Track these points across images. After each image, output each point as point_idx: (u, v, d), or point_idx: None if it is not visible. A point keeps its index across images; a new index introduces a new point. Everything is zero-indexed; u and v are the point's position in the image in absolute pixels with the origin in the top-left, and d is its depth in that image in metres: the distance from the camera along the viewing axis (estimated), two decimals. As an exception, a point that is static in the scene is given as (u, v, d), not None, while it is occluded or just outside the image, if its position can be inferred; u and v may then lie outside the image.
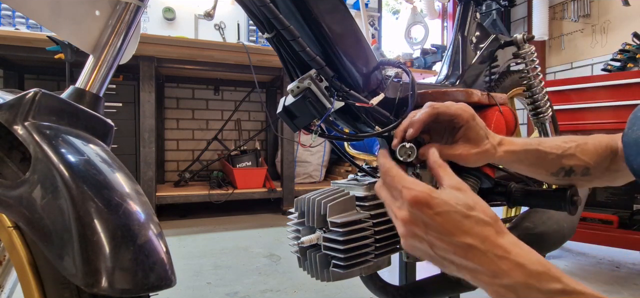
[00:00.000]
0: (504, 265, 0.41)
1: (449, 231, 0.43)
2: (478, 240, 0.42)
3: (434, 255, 0.45)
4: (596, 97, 1.72)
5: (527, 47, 1.08)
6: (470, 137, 0.57)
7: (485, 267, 0.42)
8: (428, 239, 0.45)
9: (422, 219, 0.44)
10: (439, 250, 0.44)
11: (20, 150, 0.46)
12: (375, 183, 0.68)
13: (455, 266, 0.44)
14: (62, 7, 0.58)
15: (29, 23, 2.61)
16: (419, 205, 0.44)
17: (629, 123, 0.53)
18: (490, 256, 0.42)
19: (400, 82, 0.74)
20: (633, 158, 0.51)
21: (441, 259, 0.45)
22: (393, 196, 0.48)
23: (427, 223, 0.44)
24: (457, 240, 0.43)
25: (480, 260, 0.42)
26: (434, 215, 0.44)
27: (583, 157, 0.63)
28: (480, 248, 0.42)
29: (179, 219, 2.62)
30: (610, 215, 1.66)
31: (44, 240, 0.39)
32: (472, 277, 0.44)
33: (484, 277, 0.42)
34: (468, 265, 0.43)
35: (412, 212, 0.45)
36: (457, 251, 0.43)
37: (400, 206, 0.46)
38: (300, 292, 1.40)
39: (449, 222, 0.43)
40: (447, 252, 0.44)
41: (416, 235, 0.45)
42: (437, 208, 0.44)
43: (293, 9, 0.60)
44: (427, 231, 0.44)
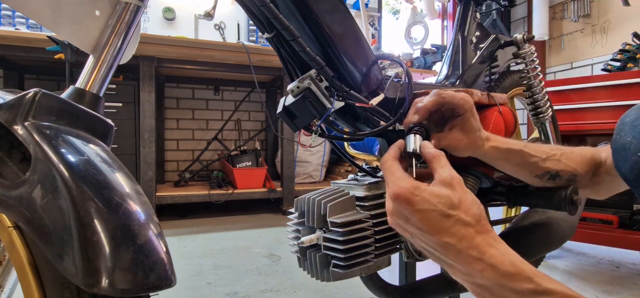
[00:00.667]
0: (478, 265, 0.42)
1: (427, 228, 0.45)
2: (455, 239, 0.44)
3: (417, 244, 0.48)
4: (596, 97, 1.72)
5: (527, 47, 1.08)
6: (465, 127, 0.59)
7: (460, 265, 0.44)
8: (410, 231, 0.47)
9: (403, 213, 0.47)
10: (419, 242, 0.47)
11: (20, 150, 0.46)
12: (375, 183, 0.69)
13: (436, 258, 0.47)
14: (62, 7, 0.58)
15: (29, 23, 2.61)
16: (399, 201, 0.46)
17: (616, 129, 0.54)
18: (464, 256, 0.43)
19: (400, 82, 0.74)
20: (622, 164, 0.52)
21: (422, 249, 0.48)
22: (385, 175, 0.51)
23: (407, 218, 0.46)
24: (435, 237, 0.45)
25: (456, 258, 0.44)
26: (413, 212, 0.45)
27: (569, 163, 0.65)
28: (456, 246, 0.44)
29: (179, 219, 2.62)
30: (610, 215, 1.66)
31: (44, 240, 0.39)
32: (450, 272, 0.46)
33: (460, 274, 0.44)
34: (446, 260, 0.45)
35: (394, 205, 0.47)
36: (435, 247, 0.45)
37: (387, 197, 0.49)
38: (300, 292, 1.40)
39: (427, 220, 0.45)
40: (427, 245, 0.46)
41: (399, 226, 0.48)
42: (417, 206, 0.45)
43: (293, 9, 0.60)
44: (407, 224, 0.47)
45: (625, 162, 0.51)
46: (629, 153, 0.50)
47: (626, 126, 0.52)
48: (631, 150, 0.50)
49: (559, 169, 0.65)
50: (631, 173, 0.50)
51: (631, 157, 0.50)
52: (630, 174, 0.51)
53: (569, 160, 0.65)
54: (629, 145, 0.50)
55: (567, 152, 0.66)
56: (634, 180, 0.51)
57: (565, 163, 0.65)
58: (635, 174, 0.50)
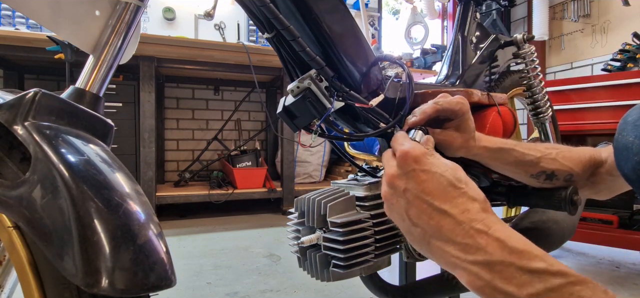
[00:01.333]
0: (481, 239, 0.39)
1: (429, 191, 0.42)
2: (457, 210, 0.41)
3: (405, 218, 0.44)
4: (596, 97, 1.72)
5: (527, 47, 1.08)
6: (461, 127, 0.59)
7: (458, 239, 0.40)
8: (406, 197, 0.43)
9: (405, 172, 0.44)
10: (412, 211, 0.43)
11: (20, 150, 0.46)
12: (375, 183, 0.69)
13: (423, 237, 0.43)
14: (62, 7, 0.58)
15: (29, 23, 2.61)
16: (406, 158, 0.44)
17: (619, 128, 0.54)
18: (466, 228, 0.40)
19: (400, 82, 0.74)
20: (624, 163, 0.52)
21: (412, 226, 0.43)
22: (395, 151, 0.48)
23: (409, 176, 0.43)
24: (435, 203, 0.42)
25: (453, 231, 0.40)
26: (419, 171, 0.43)
27: (565, 162, 0.64)
28: (456, 218, 0.40)
29: (179, 219, 2.62)
30: (610, 215, 1.66)
31: (44, 240, 0.39)
32: (438, 254, 0.42)
33: (453, 251, 0.40)
34: (439, 234, 0.41)
35: (399, 166, 0.45)
36: (432, 215, 0.41)
37: (393, 163, 0.46)
38: (300, 292, 1.40)
39: (432, 182, 0.42)
40: (420, 216, 0.42)
41: (395, 192, 0.45)
42: (424, 166, 0.43)
43: (293, 9, 0.60)
44: (406, 186, 0.44)
45: (627, 162, 0.51)
46: (631, 153, 0.50)
47: (629, 126, 0.52)
48: (633, 150, 0.50)
49: (554, 169, 0.64)
50: (633, 173, 0.50)
51: (633, 157, 0.49)
52: (632, 174, 0.50)
53: (565, 160, 0.65)
54: (632, 145, 0.50)
55: (563, 151, 0.66)
56: (636, 181, 0.50)
57: (561, 162, 0.64)
58: (638, 175, 0.49)
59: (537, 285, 0.35)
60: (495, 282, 0.37)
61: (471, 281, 0.38)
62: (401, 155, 0.45)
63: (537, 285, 0.35)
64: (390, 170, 0.46)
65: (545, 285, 0.35)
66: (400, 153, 0.45)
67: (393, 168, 0.46)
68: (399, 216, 0.45)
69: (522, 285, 0.35)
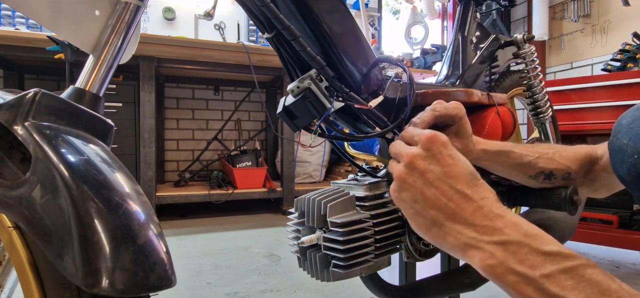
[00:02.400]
0: (499, 222, 0.40)
1: (453, 174, 0.43)
2: (477, 196, 0.42)
3: (419, 200, 0.44)
4: (596, 97, 1.72)
5: (527, 47, 1.08)
6: (459, 132, 0.60)
7: (477, 221, 0.41)
8: (426, 177, 0.44)
9: (431, 154, 0.45)
10: (430, 191, 0.44)
11: (20, 150, 0.46)
12: (375, 183, 0.69)
13: (436, 219, 0.43)
14: (62, 7, 0.58)
15: (29, 23, 2.61)
16: (434, 140, 0.45)
17: (613, 131, 0.54)
18: (485, 211, 0.41)
19: (401, 82, 0.74)
20: (619, 166, 0.52)
21: (426, 208, 0.44)
22: (408, 142, 0.49)
23: (434, 158, 0.45)
24: (458, 186, 0.43)
25: (472, 214, 0.41)
26: (446, 155, 0.45)
27: (563, 161, 0.65)
28: (477, 202, 0.42)
29: (179, 219, 2.62)
30: (610, 215, 1.66)
31: (44, 240, 0.39)
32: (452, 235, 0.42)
33: (470, 232, 0.41)
34: (455, 216, 0.42)
35: (424, 148, 0.45)
36: (452, 197, 0.43)
37: (414, 147, 0.47)
38: (300, 292, 1.40)
39: (457, 167, 0.44)
40: (439, 198, 0.43)
41: (413, 172, 0.45)
42: (451, 151, 0.45)
43: (293, 9, 0.60)
44: (429, 167, 0.44)
45: (622, 164, 0.51)
46: (626, 155, 0.50)
47: (623, 128, 0.52)
48: (628, 153, 0.50)
49: (552, 168, 0.65)
50: (628, 175, 0.50)
51: (628, 160, 0.50)
52: (627, 176, 0.51)
53: (562, 158, 0.65)
54: (626, 148, 0.50)
55: (560, 150, 0.66)
56: (631, 183, 0.51)
57: (558, 161, 0.65)
58: (632, 176, 0.49)
59: (550, 266, 0.36)
60: (509, 261, 0.37)
61: (484, 259, 0.39)
62: (429, 137, 0.46)
63: (550, 266, 0.36)
64: (411, 151, 0.46)
65: (558, 266, 0.36)
66: (428, 135, 0.46)
67: (416, 150, 0.46)
68: (412, 197, 0.45)
69: (535, 266, 0.36)
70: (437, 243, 0.44)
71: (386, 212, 0.67)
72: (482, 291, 0.42)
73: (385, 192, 0.70)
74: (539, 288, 0.35)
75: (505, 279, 0.37)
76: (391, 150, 0.51)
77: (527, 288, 0.36)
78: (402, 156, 0.47)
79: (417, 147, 0.47)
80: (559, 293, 0.34)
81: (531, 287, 0.36)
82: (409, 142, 0.50)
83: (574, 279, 0.35)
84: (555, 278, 0.35)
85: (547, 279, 0.35)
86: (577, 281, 0.35)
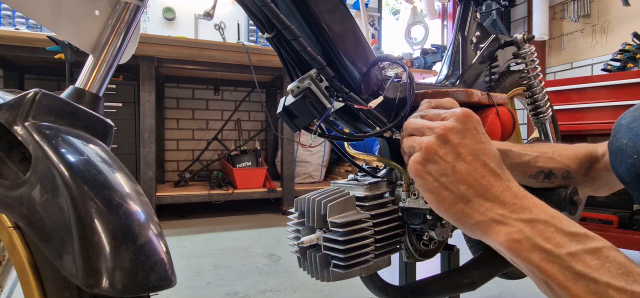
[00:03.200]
0: (527, 201, 0.41)
1: (487, 152, 0.44)
2: (505, 176, 0.44)
3: (447, 173, 0.44)
4: (596, 97, 1.72)
5: (527, 47, 1.08)
6: None
7: (507, 198, 0.42)
8: (458, 151, 0.44)
9: (466, 129, 0.45)
10: (461, 166, 0.44)
11: (20, 150, 0.46)
12: (375, 183, 0.69)
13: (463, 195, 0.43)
14: (62, 7, 0.58)
15: (29, 23, 2.61)
16: (470, 116, 0.46)
17: (613, 131, 0.54)
18: (514, 190, 0.42)
19: (401, 82, 0.74)
20: (618, 166, 0.52)
21: (455, 182, 0.44)
22: (433, 117, 0.49)
23: (469, 134, 0.45)
24: (491, 164, 0.44)
25: (502, 192, 0.42)
26: (480, 132, 0.45)
27: (562, 160, 0.65)
28: (506, 182, 0.43)
29: (179, 219, 2.62)
30: (610, 215, 1.66)
31: (44, 240, 0.39)
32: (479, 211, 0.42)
33: (499, 209, 0.42)
34: (485, 193, 0.43)
35: (460, 121, 0.45)
36: (484, 174, 0.43)
37: (444, 121, 0.47)
38: (300, 292, 1.40)
39: (489, 145, 0.45)
40: (471, 173, 0.43)
41: (445, 144, 0.45)
42: (484, 132, 0.46)
43: (293, 9, 0.60)
44: (463, 141, 0.45)
45: (621, 164, 0.51)
46: (625, 155, 0.50)
47: (622, 128, 0.52)
48: (627, 153, 0.50)
49: (552, 167, 0.65)
50: (628, 175, 0.50)
51: (627, 160, 0.50)
52: (627, 177, 0.51)
53: (562, 157, 0.65)
54: (625, 148, 0.50)
55: (559, 149, 0.66)
56: (630, 183, 0.51)
57: (557, 160, 0.64)
58: (632, 177, 0.49)
59: (576, 246, 0.37)
60: (536, 238, 0.38)
61: (511, 234, 0.40)
62: (466, 113, 0.46)
63: (576, 246, 0.37)
64: (445, 123, 0.46)
65: (583, 246, 0.37)
66: (465, 110, 0.46)
67: (450, 122, 0.46)
68: (440, 170, 0.45)
69: (561, 245, 0.37)
70: (459, 219, 0.44)
71: (386, 212, 0.67)
72: (482, 291, 0.42)
73: (385, 192, 0.70)
74: (565, 266, 0.36)
75: (531, 256, 0.38)
76: (410, 126, 0.51)
77: (552, 265, 0.37)
78: (433, 128, 0.46)
79: (449, 120, 0.46)
80: (584, 271, 0.35)
81: (556, 265, 0.37)
82: (433, 118, 0.49)
83: (599, 259, 0.36)
84: (581, 257, 0.36)
85: (573, 257, 0.36)
86: (601, 261, 0.35)
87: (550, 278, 0.37)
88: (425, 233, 0.71)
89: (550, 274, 0.37)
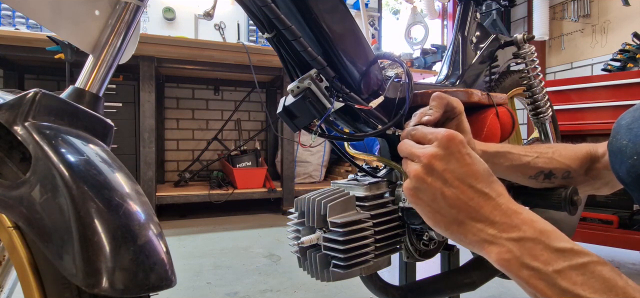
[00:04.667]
0: (516, 218, 0.42)
1: (472, 173, 0.44)
2: (495, 194, 0.44)
3: (438, 199, 0.45)
4: (596, 97, 1.72)
5: (527, 47, 1.08)
6: (459, 129, 0.60)
7: (497, 218, 0.42)
8: (444, 177, 0.45)
9: (449, 153, 0.45)
10: (450, 191, 0.44)
11: (20, 150, 0.46)
12: (375, 183, 0.69)
13: (456, 218, 0.44)
14: (62, 7, 0.58)
15: (29, 23, 2.61)
16: (453, 140, 0.45)
17: (613, 131, 0.54)
18: (504, 208, 0.43)
19: (401, 82, 0.73)
20: (618, 166, 0.52)
21: (446, 206, 0.44)
22: (419, 141, 0.50)
23: (453, 158, 0.45)
24: (477, 185, 0.44)
25: (492, 212, 0.43)
26: (464, 154, 0.45)
27: (562, 160, 0.65)
28: (495, 200, 0.43)
29: (179, 219, 2.62)
30: (610, 215, 1.66)
31: (44, 240, 0.39)
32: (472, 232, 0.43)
33: (490, 230, 0.42)
34: (475, 215, 0.43)
35: (442, 147, 0.45)
36: (472, 197, 0.43)
37: (430, 145, 0.47)
38: (300, 292, 1.40)
39: (475, 165, 0.45)
40: (459, 197, 0.44)
41: (431, 172, 0.45)
42: (469, 151, 0.46)
43: (293, 9, 0.60)
44: (447, 167, 0.45)
45: (621, 165, 0.51)
46: (625, 156, 0.50)
47: (622, 129, 0.52)
48: (627, 154, 0.50)
49: (552, 167, 0.64)
50: (628, 176, 0.50)
51: (627, 161, 0.50)
52: (626, 177, 0.50)
53: (562, 157, 0.65)
54: (625, 148, 0.50)
55: (560, 149, 0.66)
56: (630, 184, 0.50)
57: (558, 160, 0.64)
58: (632, 177, 0.49)
59: (562, 262, 0.38)
60: (524, 257, 0.39)
61: (501, 254, 0.41)
62: (447, 137, 0.46)
63: (562, 263, 0.38)
64: (428, 151, 0.46)
65: (570, 263, 0.38)
66: (446, 134, 0.46)
67: (433, 149, 0.46)
68: (430, 197, 0.46)
69: (548, 262, 0.38)
70: (455, 238, 0.46)
71: (386, 212, 0.67)
72: (482, 291, 0.42)
73: (385, 192, 0.70)
74: (551, 282, 0.37)
75: (520, 273, 0.39)
76: (402, 149, 0.51)
77: (540, 282, 0.38)
78: (419, 156, 0.47)
79: (433, 146, 0.46)
80: (568, 288, 0.36)
81: (543, 282, 0.38)
82: (421, 140, 0.50)
83: (583, 275, 0.37)
84: (566, 273, 0.37)
85: (559, 274, 0.37)
86: (586, 277, 0.37)
87: (538, 293, 0.38)
88: (425, 233, 0.71)
89: (538, 289, 0.38)
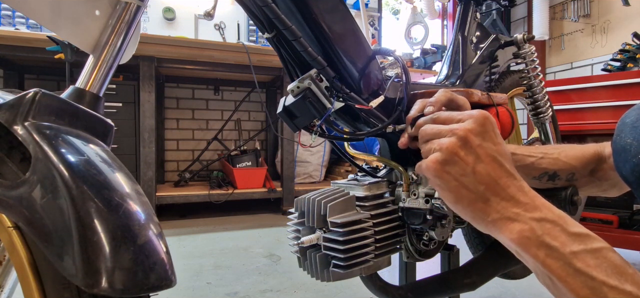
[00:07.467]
0: (537, 201, 0.44)
1: (503, 153, 0.47)
2: (518, 176, 0.47)
3: (467, 174, 0.46)
4: (596, 97, 1.72)
5: (527, 47, 1.08)
6: None
7: (521, 198, 0.45)
8: (477, 153, 0.46)
9: (485, 131, 0.47)
10: (481, 167, 0.46)
11: (20, 150, 0.46)
12: (375, 183, 0.69)
13: (482, 194, 0.46)
14: (62, 7, 0.58)
15: (29, 23, 2.61)
16: (488, 119, 0.48)
17: (617, 129, 0.54)
18: (526, 190, 0.45)
19: (401, 82, 0.73)
20: (622, 165, 0.52)
21: (474, 182, 0.46)
22: (447, 120, 0.51)
23: (487, 136, 0.47)
24: (506, 165, 0.46)
25: (517, 192, 0.45)
26: (496, 134, 0.48)
27: (567, 160, 0.65)
28: (520, 182, 0.46)
29: (179, 219, 2.62)
30: (610, 215, 1.66)
31: (44, 240, 0.39)
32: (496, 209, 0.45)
33: (514, 208, 0.44)
34: (502, 192, 0.45)
35: (478, 123, 0.47)
36: (501, 175, 0.46)
37: (463, 122, 0.48)
38: (300, 292, 1.40)
39: (504, 148, 0.48)
40: (489, 174, 0.46)
41: (466, 146, 0.47)
42: (498, 132, 0.49)
43: (293, 9, 0.60)
44: (482, 143, 0.47)
45: (625, 163, 0.51)
46: (630, 155, 0.50)
47: (626, 127, 0.52)
48: (631, 152, 0.49)
49: (556, 168, 0.64)
50: (631, 175, 0.50)
51: (631, 159, 0.49)
52: (630, 176, 0.50)
53: (568, 158, 0.64)
54: (629, 147, 0.50)
55: (566, 149, 0.65)
56: (634, 182, 0.50)
57: (563, 161, 0.64)
58: (636, 176, 0.49)
59: (578, 245, 0.40)
60: (544, 236, 0.42)
61: (523, 231, 0.43)
62: (484, 115, 0.48)
63: (578, 246, 0.40)
64: (465, 126, 0.48)
65: (585, 246, 0.40)
66: (482, 113, 0.48)
67: (470, 125, 0.47)
68: (460, 171, 0.47)
69: (565, 244, 0.41)
70: (476, 216, 0.47)
71: (386, 212, 0.67)
72: (482, 291, 0.41)
73: (385, 192, 0.70)
74: (566, 262, 0.40)
75: (538, 251, 0.41)
76: (426, 132, 0.52)
77: (556, 261, 0.40)
78: (453, 131, 0.48)
79: (469, 122, 0.48)
80: (583, 269, 0.39)
81: (559, 262, 0.40)
82: (447, 121, 0.51)
83: (597, 259, 0.39)
84: (581, 256, 0.39)
85: (574, 256, 0.40)
86: (600, 261, 0.39)
87: (553, 273, 0.40)
88: (425, 233, 0.71)
89: (552, 269, 0.40)
